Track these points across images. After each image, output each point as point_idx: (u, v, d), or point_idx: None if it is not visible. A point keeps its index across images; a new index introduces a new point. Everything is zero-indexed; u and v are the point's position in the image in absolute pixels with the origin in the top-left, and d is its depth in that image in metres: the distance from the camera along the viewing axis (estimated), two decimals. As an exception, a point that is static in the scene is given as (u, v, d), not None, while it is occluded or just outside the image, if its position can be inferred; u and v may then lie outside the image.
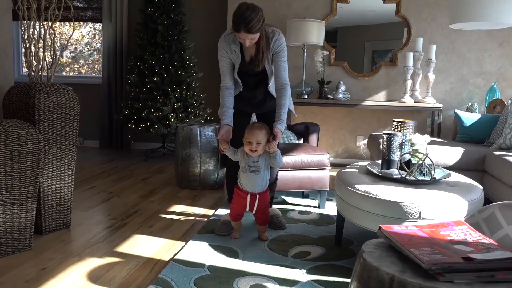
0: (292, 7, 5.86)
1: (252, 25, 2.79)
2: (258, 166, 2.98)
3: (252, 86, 3.22)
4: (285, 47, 3.07)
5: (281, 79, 3.10)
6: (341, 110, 5.93)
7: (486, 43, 5.57)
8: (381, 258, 1.43)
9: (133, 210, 3.76)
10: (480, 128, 4.39)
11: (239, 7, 2.83)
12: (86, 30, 7.30)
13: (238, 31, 2.83)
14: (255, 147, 2.92)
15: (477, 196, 2.58)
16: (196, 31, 6.39)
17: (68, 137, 3.17)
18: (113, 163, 5.72)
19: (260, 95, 3.25)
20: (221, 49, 3.11)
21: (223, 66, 3.16)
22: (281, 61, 3.07)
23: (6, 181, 2.69)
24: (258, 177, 3.00)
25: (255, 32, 2.84)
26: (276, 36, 3.03)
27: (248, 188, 3.02)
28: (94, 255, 2.82)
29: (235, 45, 3.04)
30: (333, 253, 2.90)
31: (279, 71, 3.09)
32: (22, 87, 3.06)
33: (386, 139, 2.94)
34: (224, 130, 3.04)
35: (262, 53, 3.01)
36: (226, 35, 3.09)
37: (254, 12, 2.79)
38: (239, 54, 3.07)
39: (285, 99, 3.08)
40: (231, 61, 3.13)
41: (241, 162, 3.03)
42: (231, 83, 3.18)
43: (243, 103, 3.29)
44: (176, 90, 5.77)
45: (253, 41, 2.92)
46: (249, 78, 3.19)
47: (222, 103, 3.15)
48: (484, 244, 1.43)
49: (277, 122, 3.02)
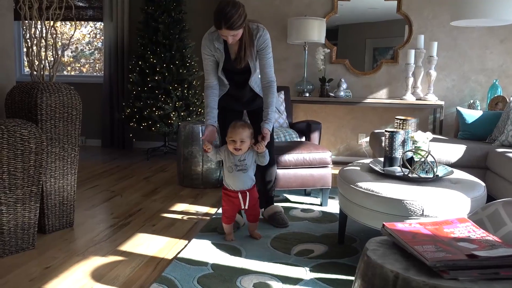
0: (293, 5, 5.86)
1: (233, 21, 2.72)
2: (245, 164, 2.94)
3: (239, 84, 3.14)
4: (269, 43, 3.00)
5: (267, 76, 3.03)
6: (343, 108, 5.93)
7: (488, 39, 5.56)
8: (385, 256, 1.44)
9: (136, 209, 3.77)
10: (482, 125, 4.39)
11: (220, 4, 2.77)
12: (87, 29, 7.30)
13: (220, 28, 2.76)
14: (239, 145, 2.88)
15: (479, 193, 2.58)
16: (197, 29, 6.38)
17: (71, 136, 3.18)
18: (115, 162, 5.73)
19: (249, 93, 3.18)
20: (204, 47, 3.02)
21: (207, 65, 3.08)
22: (266, 58, 3.00)
23: (10, 180, 2.70)
24: (246, 175, 2.96)
25: (237, 29, 2.77)
26: (261, 32, 2.96)
27: (236, 187, 2.98)
28: (97, 253, 2.82)
29: (218, 42, 2.96)
30: (336, 251, 2.90)
31: (265, 68, 3.02)
32: (24, 87, 3.06)
33: (388, 137, 2.94)
34: (208, 131, 2.99)
35: (245, 49, 2.94)
36: (210, 33, 3.00)
37: (234, 8, 2.72)
38: (223, 52, 2.99)
39: (272, 97, 3.03)
40: (215, 59, 3.05)
41: (226, 162, 2.97)
42: (216, 82, 3.10)
43: (232, 101, 3.23)
44: (178, 89, 5.77)
45: (236, 38, 2.84)
46: (235, 76, 3.11)
47: (206, 103, 3.09)
48: (488, 241, 1.43)
49: (265, 122, 2.97)
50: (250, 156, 2.96)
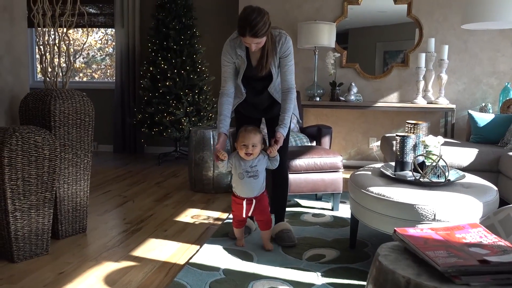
0: (303, 10, 5.87)
1: (258, 29, 2.68)
2: (256, 170, 2.89)
3: (258, 91, 3.10)
4: (292, 51, 2.98)
5: (287, 83, 3.00)
6: (353, 112, 5.92)
7: (499, 42, 5.53)
8: (397, 261, 1.44)
9: (148, 214, 3.79)
10: (494, 128, 4.36)
11: (244, 10, 2.73)
12: (98, 36, 7.37)
13: (244, 35, 2.72)
14: (251, 150, 2.84)
15: (492, 198, 2.57)
16: (207, 35, 6.42)
17: (83, 142, 3.21)
18: (127, 168, 5.77)
19: (267, 100, 3.14)
20: (225, 53, 2.98)
21: (226, 72, 3.01)
22: (288, 65, 2.97)
23: (24, 186, 2.73)
24: (256, 182, 2.91)
25: (261, 36, 2.73)
26: (283, 39, 2.92)
27: (244, 194, 2.94)
28: (110, 259, 2.85)
29: (240, 49, 2.92)
30: (348, 255, 2.90)
31: (286, 75, 2.99)
32: (38, 94, 3.10)
33: (399, 141, 2.94)
34: (222, 139, 2.94)
35: (267, 57, 2.90)
36: (231, 39, 2.96)
37: (259, 16, 2.69)
38: (245, 59, 2.95)
39: (290, 103, 2.99)
40: (235, 66, 3.01)
41: (237, 168, 2.92)
42: (232, 90, 3.04)
43: (250, 108, 3.18)
44: (189, 94, 5.81)
45: (259, 45, 2.81)
46: (255, 83, 3.06)
47: (220, 110, 3.01)
48: (500, 247, 1.43)
49: (280, 126, 2.94)
50: (261, 162, 2.92)
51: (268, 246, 3.02)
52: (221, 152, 2.87)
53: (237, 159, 2.92)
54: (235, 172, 2.94)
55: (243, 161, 2.90)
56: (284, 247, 3.05)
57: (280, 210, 3.27)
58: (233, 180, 2.99)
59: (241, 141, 2.86)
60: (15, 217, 2.71)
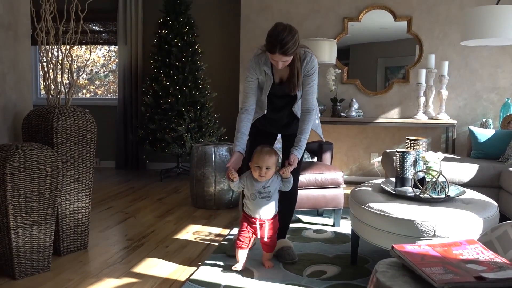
0: (304, 27, 5.93)
1: (288, 47, 2.64)
2: (269, 192, 2.83)
3: (278, 108, 3.05)
4: (316, 70, 2.92)
5: (308, 103, 2.93)
6: (355, 128, 5.94)
7: (499, 58, 5.57)
8: (394, 278, 1.45)
9: (149, 230, 3.80)
10: (495, 144, 4.37)
11: (276, 27, 2.69)
12: (101, 52, 7.44)
13: (273, 52, 2.68)
14: (264, 172, 2.78)
15: (492, 213, 2.57)
16: (209, 51, 6.48)
17: (86, 159, 3.23)
18: (129, 184, 5.79)
19: (287, 117, 3.09)
20: (250, 69, 2.93)
21: (248, 87, 2.96)
22: (311, 84, 2.91)
23: (26, 203, 2.75)
24: (269, 203, 2.85)
25: (290, 55, 2.70)
26: (308, 58, 2.88)
27: (256, 215, 2.87)
28: (111, 275, 2.85)
29: (266, 66, 2.88)
30: (349, 272, 2.90)
31: (307, 95, 2.92)
32: (40, 111, 3.14)
33: (399, 157, 2.96)
34: (235, 157, 2.86)
35: (298, 75, 2.85)
36: (256, 55, 2.91)
37: (290, 34, 2.65)
38: (271, 75, 2.90)
39: (308, 124, 2.93)
40: (258, 82, 2.96)
41: (249, 189, 2.86)
42: (253, 106, 2.99)
43: (268, 124, 3.14)
44: (191, 111, 5.85)
45: (286, 64, 2.77)
46: (277, 100, 3.02)
47: (238, 127, 2.94)
48: (496, 263, 1.44)
49: (295, 148, 2.88)
50: (274, 183, 2.85)
51: (267, 264, 2.98)
52: (232, 172, 2.81)
53: (250, 179, 2.86)
54: (247, 192, 2.88)
55: (256, 181, 2.83)
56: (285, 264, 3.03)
57: (284, 226, 3.20)
58: (245, 199, 2.93)
59: (255, 162, 2.80)
60: (16, 233, 2.73)
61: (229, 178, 2.84)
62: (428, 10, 5.67)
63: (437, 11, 5.66)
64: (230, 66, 6.51)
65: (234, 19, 6.43)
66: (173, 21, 6.00)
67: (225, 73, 6.58)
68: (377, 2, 5.76)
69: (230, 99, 6.47)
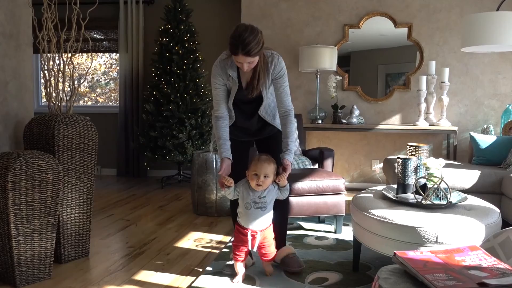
0: (304, 34, 5.94)
1: (251, 48, 2.56)
2: (264, 202, 2.73)
3: (248, 114, 2.96)
4: (285, 71, 2.85)
5: (285, 105, 2.89)
6: (356, 135, 5.94)
7: (500, 64, 5.57)
8: (396, 284, 1.44)
9: (151, 238, 3.79)
10: (496, 150, 4.37)
11: (237, 28, 2.62)
12: (103, 60, 7.46)
13: (236, 54, 2.59)
14: (262, 181, 2.69)
15: (494, 220, 2.56)
16: (210, 59, 6.48)
17: (87, 166, 3.24)
18: (130, 191, 5.78)
19: (258, 123, 3.00)
20: (216, 75, 2.83)
21: (217, 95, 2.87)
22: (283, 86, 2.86)
23: (27, 211, 2.75)
24: (264, 214, 2.75)
25: (254, 55, 2.61)
26: (276, 60, 2.79)
27: (249, 226, 2.77)
28: (112, 283, 2.84)
29: (232, 70, 2.78)
30: (351, 279, 2.89)
31: (282, 97, 2.87)
32: (42, 119, 3.14)
33: (401, 164, 2.95)
34: (226, 165, 2.79)
35: (259, 78, 2.76)
36: (221, 60, 2.81)
37: (253, 34, 2.57)
38: (236, 80, 2.81)
39: (290, 126, 2.88)
40: (226, 88, 2.87)
41: (244, 198, 2.76)
42: (226, 113, 2.90)
43: (239, 132, 3.02)
44: (192, 118, 5.85)
45: (251, 66, 2.68)
46: (244, 106, 2.93)
47: (218, 135, 2.87)
48: (499, 269, 1.43)
49: (285, 152, 2.82)
50: (270, 193, 2.77)
51: (268, 270, 2.92)
52: (226, 179, 2.72)
53: (245, 188, 2.76)
54: (242, 201, 2.78)
55: (252, 190, 2.75)
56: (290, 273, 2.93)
57: (282, 233, 3.12)
58: (238, 209, 2.82)
59: (253, 170, 2.70)
60: (18, 241, 2.72)
61: (223, 185, 2.74)
62: (428, 16, 5.69)
63: (437, 18, 5.67)
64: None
65: (235, 26, 6.43)
66: (174, 29, 6.02)
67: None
68: (378, 9, 5.78)
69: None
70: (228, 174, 2.79)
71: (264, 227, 2.80)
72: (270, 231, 2.85)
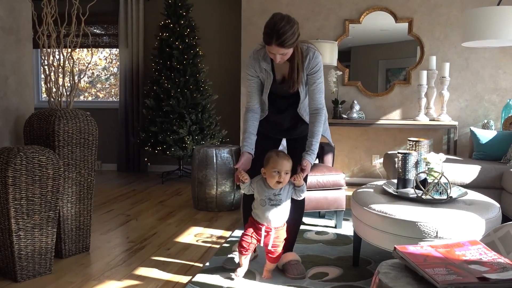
0: (305, 29, 5.93)
1: (286, 38, 2.45)
2: (280, 199, 2.64)
3: (281, 110, 2.85)
4: (321, 67, 2.72)
5: (316, 103, 2.74)
6: (356, 130, 5.94)
7: (500, 59, 5.56)
8: (397, 279, 1.44)
9: (151, 233, 3.79)
10: (496, 145, 4.36)
11: (273, 17, 2.50)
12: (103, 55, 7.45)
13: (269, 43, 2.49)
14: (283, 177, 2.59)
15: (494, 215, 2.57)
16: (210, 54, 6.49)
17: (87, 161, 3.24)
18: (131, 186, 5.79)
19: (291, 120, 2.89)
20: (249, 66, 2.74)
21: (250, 86, 2.79)
22: (317, 83, 2.71)
23: (28, 206, 2.75)
24: (278, 211, 2.66)
25: (288, 47, 2.50)
26: (311, 54, 2.67)
27: (266, 222, 2.68)
28: (113, 278, 2.85)
29: (265, 62, 2.69)
30: (351, 273, 2.90)
31: (314, 94, 2.73)
32: (42, 114, 3.14)
33: (401, 159, 2.95)
34: (244, 158, 2.70)
35: (298, 72, 2.65)
36: (256, 51, 2.73)
37: (289, 24, 2.46)
38: (270, 73, 2.70)
39: (319, 126, 2.73)
40: (259, 80, 2.77)
41: (259, 194, 2.68)
42: (258, 106, 2.81)
43: (271, 127, 2.93)
44: (192, 113, 5.85)
45: (285, 58, 2.58)
46: (279, 100, 2.83)
47: (244, 127, 2.79)
48: (499, 264, 1.43)
49: (307, 152, 2.68)
50: (285, 191, 2.67)
51: (266, 274, 2.82)
52: (242, 174, 2.65)
53: (260, 184, 2.67)
54: (257, 197, 2.70)
55: (267, 187, 2.65)
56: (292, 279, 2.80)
57: (291, 237, 2.94)
58: (254, 204, 2.75)
59: (273, 167, 2.58)
60: (18, 236, 2.73)
61: (238, 180, 2.67)
62: (429, 11, 5.67)
63: (438, 13, 5.66)
64: (231, 68, 6.52)
65: (235, 21, 6.44)
66: (174, 24, 6.00)
67: (226, 75, 6.58)
68: (378, 4, 5.77)
69: (231, 101, 6.47)
70: (246, 169, 2.71)
71: (279, 224, 2.72)
72: (283, 231, 2.76)
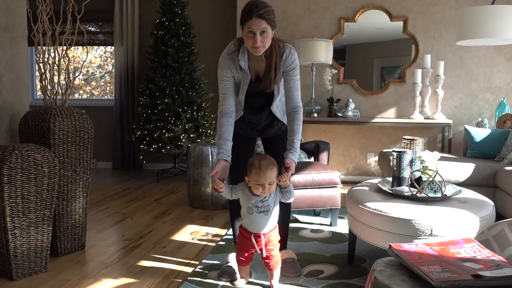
0: (300, 27, 5.94)
1: (266, 11, 2.43)
2: (268, 205, 2.53)
3: (257, 109, 2.78)
4: (298, 64, 2.67)
5: (294, 101, 2.71)
6: (351, 128, 5.96)
7: (494, 58, 5.59)
8: (392, 277, 1.45)
9: (147, 231, 3.80)
10: (490, 143, 4.39)
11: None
12: (98, 53, 7.43)
13: (250, 17, 2.42)
14: (268, 190, 2.47)
15: (488, 212, 2.59)
16: (205, 52, 6.48)
17: (83, 159, 3.23)
18: (126, 184, 5.78)
19: (266, 119, 2.83)
20: (223, 67, 2.64)
21: (224, 88, 2.67)
22: (294, 80, 2.67)
23: (23, 204, 2.75)
24: (267, 218, 2.55)
25: (268, 21, 2.44)
26: (288, 51, 2.63)
27: (254, 230, 2.58)
28: (109, 276, 2.85)
29: (243, 61, 2.60)
30: (346, 271, 2.91)
31: (291, 92, 2.69)
32: (37, 112, 3.13)
33: (396, 157, 2.97)
34: (220, 167, 2.57)
35: (275, 69, 2.58)
36: (229, 52, 2.64)
37: (267, 3, 2.48)
38: (248, 72, 2.62)
39: (298, 124, 2.70)
40: (234, 81, 2.69)
41: (244, 202, 2.56)
42: (233, 109, 2.71)
43: (246, 127, 2.86)
44: (187, 111, 5.85)
45: (265, 42, 2.48)
46: (253, 100, 2.75)
47: (219, 133, 2.66)
48: (493, 261, 1.45)
49: (290, 151, 2.60)
50: (273, 196, 2.55)
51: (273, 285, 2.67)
52: (217, 183, 2.53)
53: (245, 192, 2.56)
54: (243, 205, 2.59)
55: (253, 194, 2.53)
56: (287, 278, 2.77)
57: (283, 236, 2.90)
58: (241, 211, 2.64)
59: (255, 179, 2.46)
60: (14, 234, 2.72)
61: (215, 190, 2.54)
62: (424, 10, 5.69)
63: (433, 11, 5.68)
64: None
65: (230, 19, 6.44)
66: (170, 21, 6.00)
67: (222, 73, 6.57)
68: (373, 2, 5.78)
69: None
70: (224, 177, 2.60)
71: (268, 230, 2.60)
72: (275, 234, 2.65)
